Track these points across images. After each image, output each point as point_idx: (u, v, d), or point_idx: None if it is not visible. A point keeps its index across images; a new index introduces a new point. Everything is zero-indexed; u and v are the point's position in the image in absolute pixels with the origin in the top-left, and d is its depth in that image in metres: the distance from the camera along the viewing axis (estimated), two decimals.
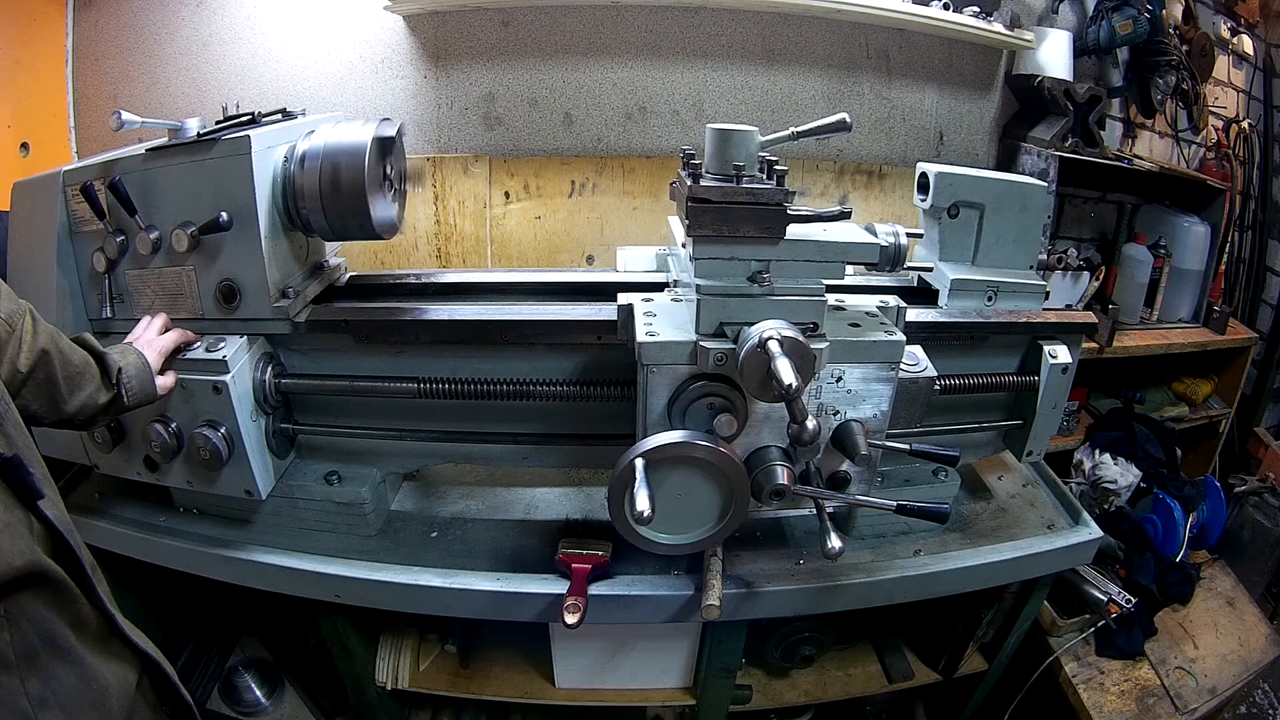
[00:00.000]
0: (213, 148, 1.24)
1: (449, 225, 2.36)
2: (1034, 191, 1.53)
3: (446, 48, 2.28)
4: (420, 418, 1.50)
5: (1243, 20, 3.35)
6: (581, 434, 1.50)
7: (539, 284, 1.53)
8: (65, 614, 0.87)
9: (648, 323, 1.19)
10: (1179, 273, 2.90)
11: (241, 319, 1.34)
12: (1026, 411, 1.56)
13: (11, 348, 0.94)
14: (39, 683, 0.82)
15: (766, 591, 1.42)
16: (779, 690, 1.87)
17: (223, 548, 1.48)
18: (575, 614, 1.33)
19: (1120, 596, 2.13)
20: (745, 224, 1.10)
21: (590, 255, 2.43)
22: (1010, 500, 1.74)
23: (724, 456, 1.15)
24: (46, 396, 1.01)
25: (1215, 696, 2.12)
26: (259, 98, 2.21)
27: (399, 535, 1.57)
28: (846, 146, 2.54)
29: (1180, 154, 3.24)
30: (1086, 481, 2.66)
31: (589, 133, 2.39)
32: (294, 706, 2.00)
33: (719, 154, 1.12)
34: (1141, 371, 3.06)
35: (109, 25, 2.24)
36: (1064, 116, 2.55)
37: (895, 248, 1.38)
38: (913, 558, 1.52)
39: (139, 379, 1.16)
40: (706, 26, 2.34)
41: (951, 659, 1.86)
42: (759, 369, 1.06)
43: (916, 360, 1.34)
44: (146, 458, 1.40)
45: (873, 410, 1.24)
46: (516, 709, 1.89)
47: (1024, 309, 1.51)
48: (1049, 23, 2.68)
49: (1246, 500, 2.82)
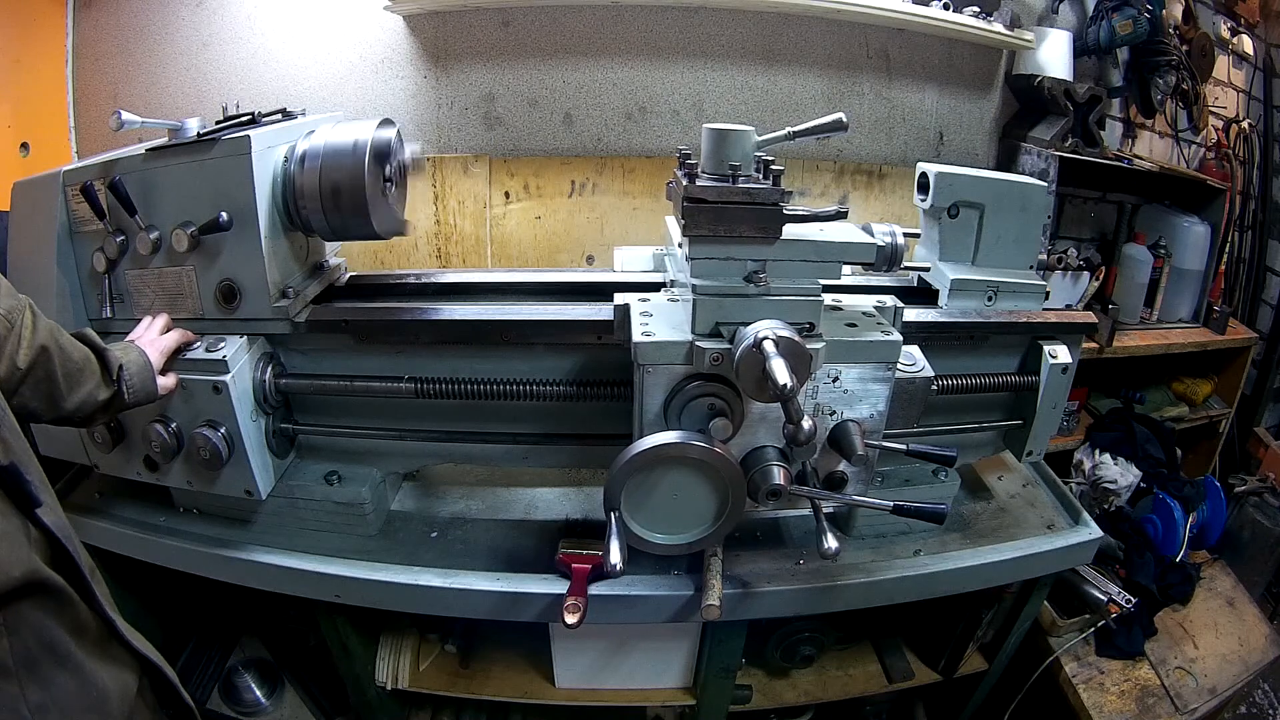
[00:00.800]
0: (213, 148, 1.24)
1: (449, 225, 2.37)
2: (1034, 191, 1.53)
3: (446, 48, 2.29)
4: (420, 418, 1.50)
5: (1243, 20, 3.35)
6: (581, 434, 1.50)
7: (539, 284, 1.53)
8: (64, 621, 0.86)
9: (644, 323, 1.19)
10: (1179, 273, 2.90)
11: (241, 319, 1.34)
12: (1026, 411, 1.56)
13: (10, 344, 0.93)
14: (39, 690, 0.81)
15: (766, 591, 1.42)
16: (779, 690, 1.87)
17: (223, 548, 1.48)
18: (575, 614, 1.33)
19: (1120, 596, 2.13)
20: (741, 224, 1.10)
21: (590, 255, 2.43)
22: (1010, 500, 1.74)
23: (719, 457, 1.15)
24: (46, 393, 1.00)
25: (1215, 696, 2.12)
26: (259, 98, 2.21)
27: (399, 535, 1.57)
28: (846, 146, 2.54)
29: (1180, 154, 3.24)
30: (1086, 481, 2.66)
31: (589, 133, 2.39)
32: (294, 706, 2.00)
33: (715, 154, 1.12)
34: (1141, 371, 3.06)
35: (109, 25, 2.24)
36: (1064, 116, 2.55)
37: (892, 247, 1.37)
38: (912, 558, 1.52)
39: (140, 376, 1.16)
40: (706, 26, 2.34)
41: (951, 659, 1.86)
42: (754, 369, 1.06)
43: (914, 360, 1.34)
44: (146, 458, 1.40)
45: (869, 410, 1.24)
46: (516, 709, 1.89)
47: (1024, 309, 1.51)
48: (1049, 23, 2.68)
49: (1246, 500, 2.82)
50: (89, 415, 1.09)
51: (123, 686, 0.94)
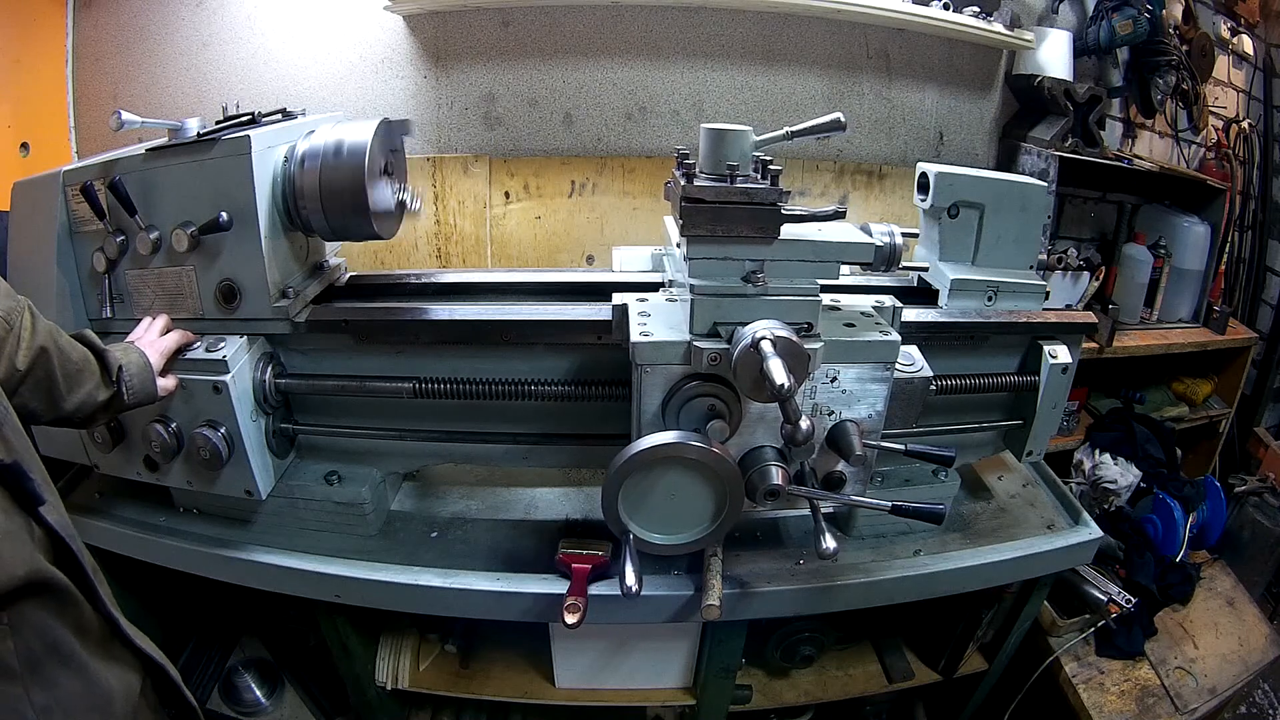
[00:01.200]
0: (213, 148, 1.24)
1: (449, 225, 2.37)
2: (1034, 191, 1.53)
3: (446, 48, 2.29)
4: (420, 418, 1.50)
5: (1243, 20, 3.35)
6: (581, 434, 1.50)
7: (538, 284, 1.53)
8: (68, 620, 0.86)
9: (642, 323, 1.19)
10: (1179, 273, 2.90)
11: (241, 319, 1.34)
12: (1026, 411, 1.56)
13: (10, 345, 0.93)
14: (43, 691, 0.81)
15: (766, 591, 1.42)
16: (779, 690, 1.87)
17: (223, 548, 1.48)
18: (575, 614, 1.33)
19: (1120, 596, 2.13)
20: (739, 224, 1.10)
21: (590, 255, 2.43)
22: (1010, 500, 1.74)
23: (717, 457, 1.15)
24: (45, 394, 1.00)
25: (1215, 696, 2.12)
26: (259, 98, 2.21)
27: (399, 535, 1.57)
28: (846, 147, 2.54)
29: (1180, 154, 3.25)
30: (1086, 481, 2.66)
31: (589, 133, 2.39)
32: (294, 706, 2.00)
33: (713, 154, 1.12)
34: (1141, 371, 3.06)
35: (109, 25, 2.24)
36: (1064, 116, 2.55)
37: (890, 247, 1.36)
38: (912, 558, 1.52)
39: (140, 377, 1.16)
40: (706, 26, 2.34)
41: (951, 659, 1.86)
42: (752, 369, 1.06)
43: (912, 360, 1.34)
44: (146, 458, 1.40)
45: (868, 410, 1.24)
46: (516, 709, 1.89)
47: (1024, 309, 1.51)
48: (1049, 23, 2.68)
49: (1246, 500, 2.82)
50: (88, 416, 1.09)
51: (126, 687, 0.94)
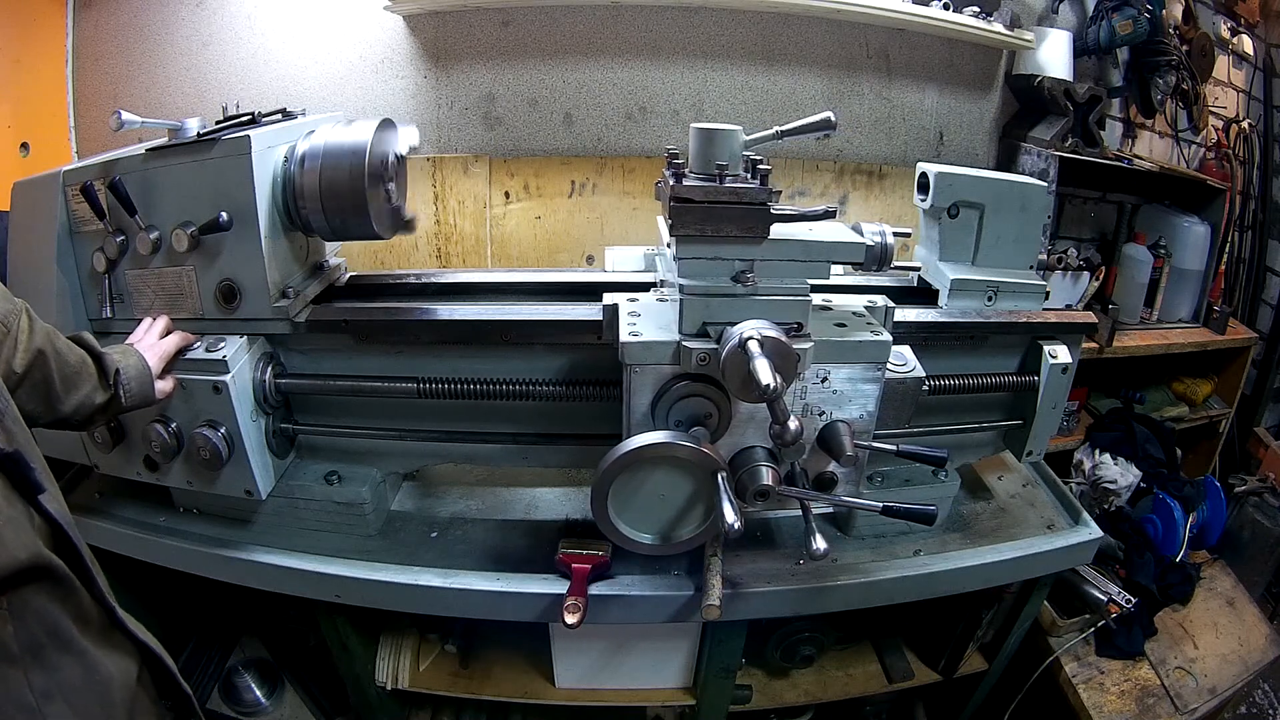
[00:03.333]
0: (213, 148, 1.24)
1: (449, 225, 2.37)
2: (1034, 191, 1.53)
3: (446, 48, 2.29)
4: (420, 418, 1.50)
5: (1243, 20, 3.35)
6: (581, 433, 1.50)
7: (538, 284, 1.54)
8: (68, 607, 0.87)
9: (631, 323, 1.19)
10: (1179, 273, 2.90)
11: (241, 319, 1.34)
12: (1026, 411, 1.56)
13: (7, 349, 0.94)
14: (43, 675, 0.82)
15: (766, 591, 1.42)
16: (779, 690, 1.87)
17: (223, 548, 1.48)
18: (575, 614, 1.33)
19: (1120, 596, 2.13)
20: (729, 223, 1.09)
21: (590, 255, 2.43)
22: (1010, 500, 1.74)
23: (706, 457, 1.15)
24: (42, 397, 1.01)
25: (1215, 696, 2.12)
26: (259, 98, 2.21)
27: (399, 535, 1.57)
28: (846, 147, 2.54)
29: (1180, 154, 3.24)
30: (1086, 481, 2.66)
31: (589, 133, 2.39)
32: (294, 706, 2.00)
33: (702, 153, 1.12)
34: (1141, 371, 3.06)
35: (109, 25, 2.24)
36: (1064, 116, 2.55)
37: (881, 247, 1.34)
38: (912, 558, 1.52)
39: (138, 381, 1.16)
40: (706, 26, 2.34)
41: (951, 659, 1.86)
42: (739, 369, 1.06)
43: (904, 360, 1.33)
44: (146, 458, 1.40)
45: (859, 411, 1.24)
46: (516, 709, 1.89)
47: (1024, 309, 1.51)
48: (1049, 23, 2.68)
49: (1246, 500, 2.82)
50: (86, 418, 1.09)
51: (124, 673, 0.95)
